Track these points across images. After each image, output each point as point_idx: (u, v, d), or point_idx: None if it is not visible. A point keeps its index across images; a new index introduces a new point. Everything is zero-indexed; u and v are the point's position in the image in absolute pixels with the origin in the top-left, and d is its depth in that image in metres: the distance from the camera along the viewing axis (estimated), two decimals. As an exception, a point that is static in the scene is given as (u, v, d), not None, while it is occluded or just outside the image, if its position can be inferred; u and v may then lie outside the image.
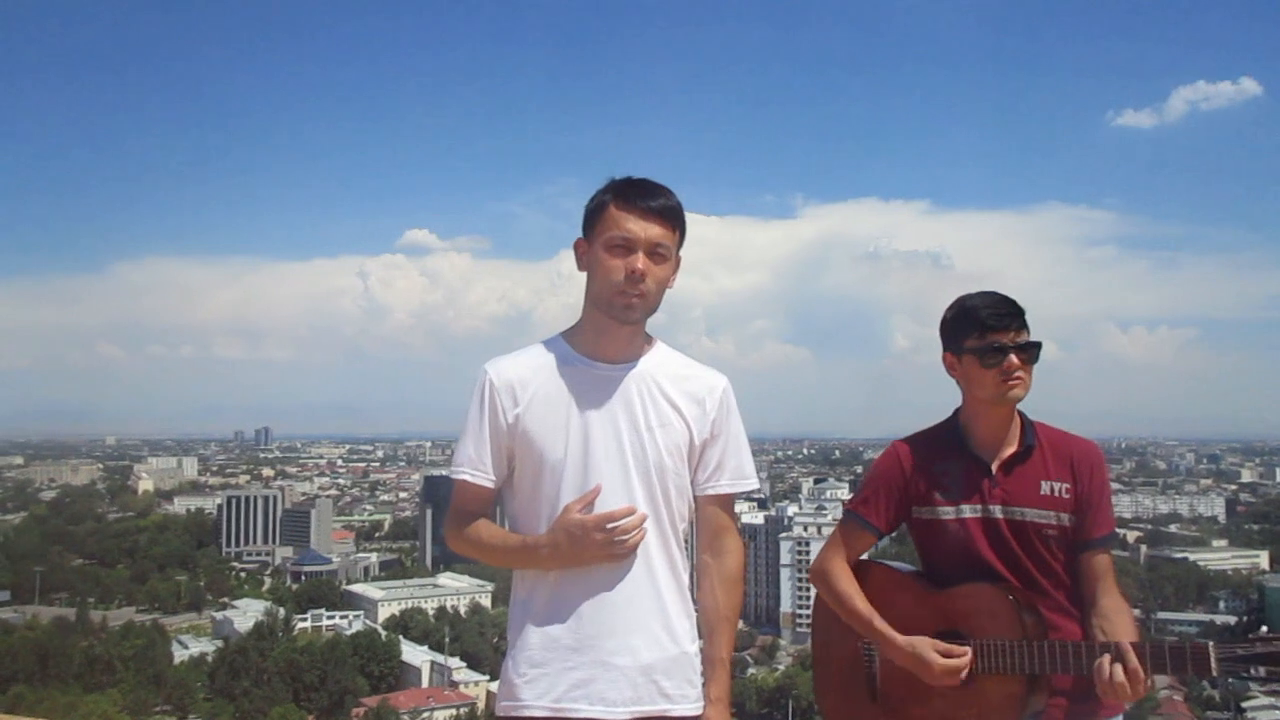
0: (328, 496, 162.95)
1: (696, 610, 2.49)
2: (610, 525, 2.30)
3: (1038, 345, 2.70)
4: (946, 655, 2.62)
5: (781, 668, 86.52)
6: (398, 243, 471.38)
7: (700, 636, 2.49)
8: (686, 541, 2.49)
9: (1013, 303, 2.71)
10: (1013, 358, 2.66)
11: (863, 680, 2.87)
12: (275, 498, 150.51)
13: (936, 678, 2.62)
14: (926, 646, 2.63)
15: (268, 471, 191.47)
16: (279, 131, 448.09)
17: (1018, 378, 2.66)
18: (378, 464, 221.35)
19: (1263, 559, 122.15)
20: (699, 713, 2.41)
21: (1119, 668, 2.40)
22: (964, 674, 2.60)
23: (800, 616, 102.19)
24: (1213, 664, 2.30)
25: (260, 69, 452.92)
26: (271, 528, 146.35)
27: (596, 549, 2.31)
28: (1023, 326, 2.69)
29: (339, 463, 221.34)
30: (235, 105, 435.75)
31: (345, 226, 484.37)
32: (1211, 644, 2.32)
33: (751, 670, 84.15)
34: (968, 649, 2.61)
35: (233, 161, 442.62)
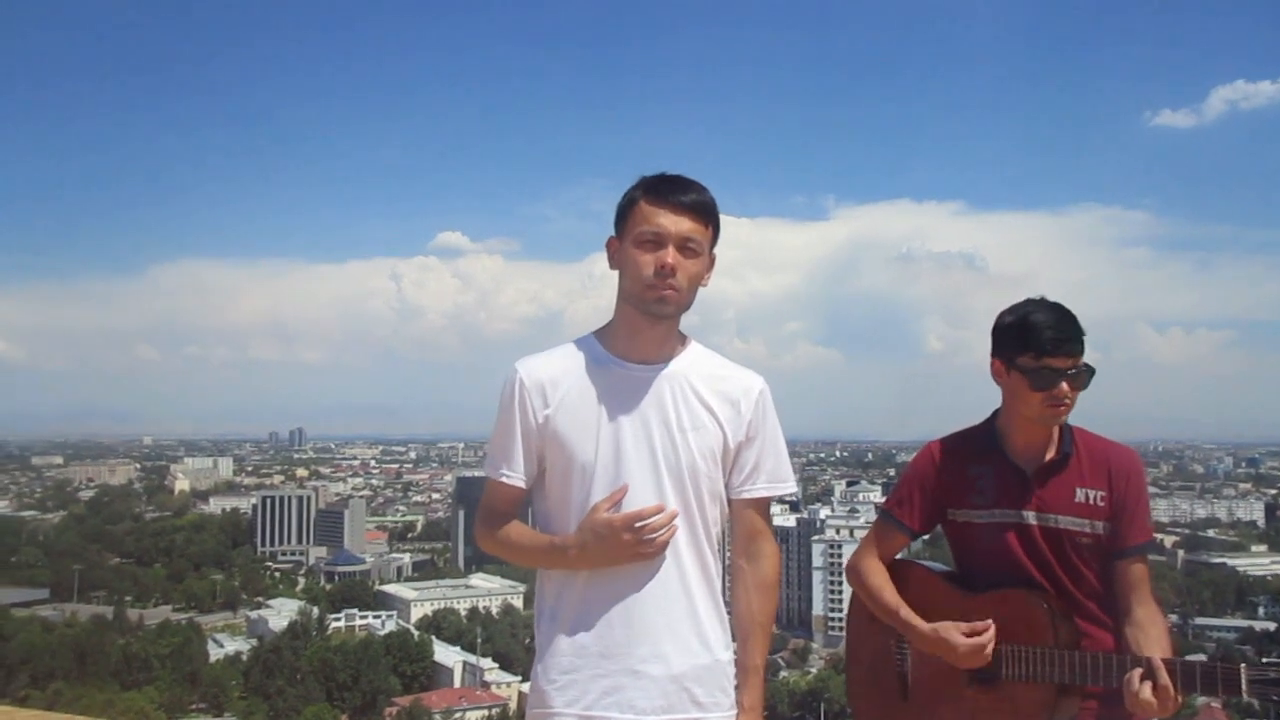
0: (361, 497, 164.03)
1: (730, 616, 2.46)
2: (639, 524, 2.26)
3: (1091, 372, 2.63)
4: (970, 635, 2.60)
5: (814, 671, 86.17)
6: (430, 245, 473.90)
7: (733, 642, 2.45)
8: (720, 545, 2.46)
9: (1075, 325, 2.63)
10: (1064, 385, 2.60)
11: (894, 679, 2.86)
12: (309, 498, 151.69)
13: (963, 658, 2.60)
14: (950, 629, 2.62)
15: (302, 472, 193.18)
16: (312, 134, 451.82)
17: (1065, 404, 2.62)
18: (410, 465, 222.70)
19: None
20: None
21: (1148, 685, 2.37)
22: (989, 650, 2.58)
23: (833, 619, 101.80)
24: (1244, 686, 2.26)
25: (294, 71, 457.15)
26: (305, 528, 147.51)
27: (625, 549, 2.27)
28: (1080, 350, 2.62)
29: (372, 463, 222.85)
30: (269, 108, 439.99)
31: (378, 229, 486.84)
32: (1243, 665, 2.28)
33: (784, 673, 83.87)
34: (990, 623, 2.59)
35: (266, 164, 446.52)
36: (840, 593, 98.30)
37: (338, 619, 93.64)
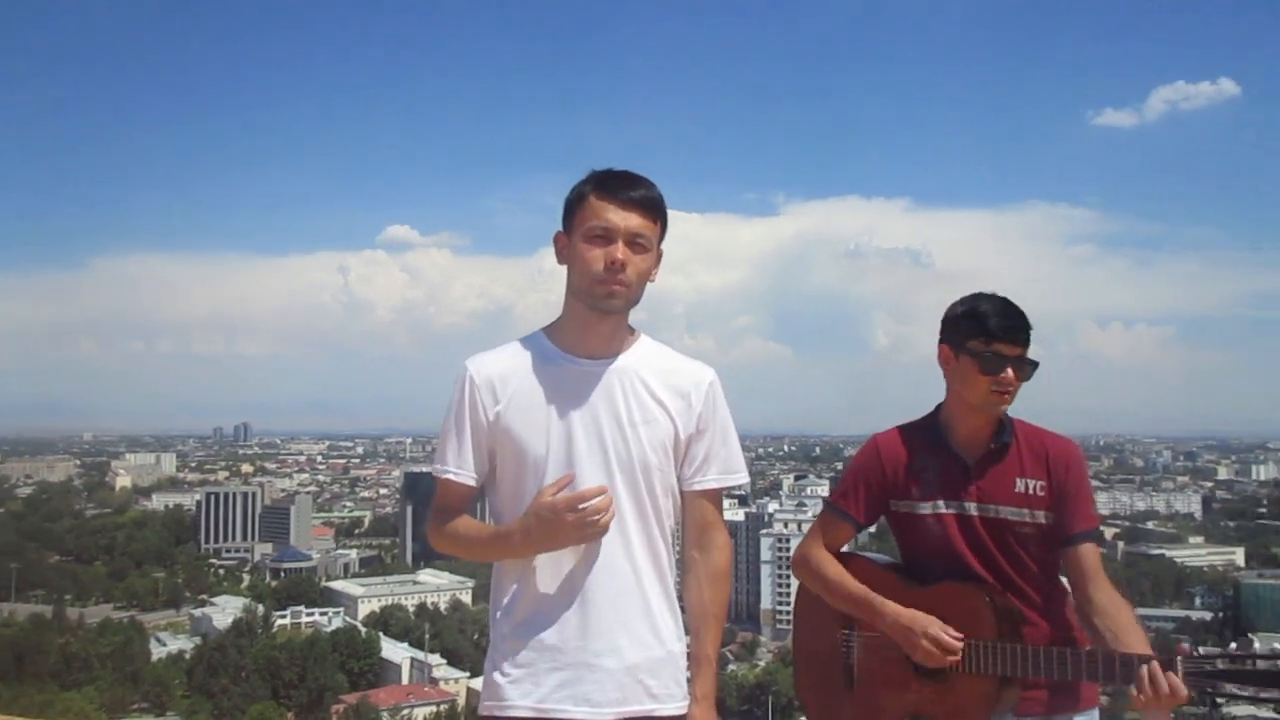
0: (307, 493, 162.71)
1: (682, 607, 2.47)
2: (581, 505, 2.25)
3: (1034, 365, 2.70)
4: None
5: (762, 664, 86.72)
6: (378, 238, 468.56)
7: (686, 634, 2.46)
8: (673, 538, 2.47)
9: (1024, 317, 2.71)
10: (1010, 371, 2.66)
11: (840, 671, 2.88)
12: (254, 494, 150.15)
13: (933, 652, 2.60)
14: (930, 622, 2.62)
15: (247, 468, 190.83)
16: (258, 127, 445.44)
17: (1010, 391, 2.68)
18: (358, 460, 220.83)
19: (1238, 556, 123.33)
20: (684, 712, 2.40)
21: (1172, 676, 2.32)
22: (950, 659, 2.59)
23: (780, 613, 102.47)
24: (1180, 677, 2.30)
25: (240, 65, 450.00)
26: (250, 524, 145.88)
27: (568, 531, 2.26)
28: (1026, 341, 2.70)
29: (319, 459, 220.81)
30: (215, 101, 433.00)
31: (325, 222, 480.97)
32: (1180, 659, 2.32)
33: (732, 666, 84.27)
34: (961, 639, 2.59)
35: (212, 157, 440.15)
36: (788, 586, 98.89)
37: (283, 616, 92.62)
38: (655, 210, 2.38)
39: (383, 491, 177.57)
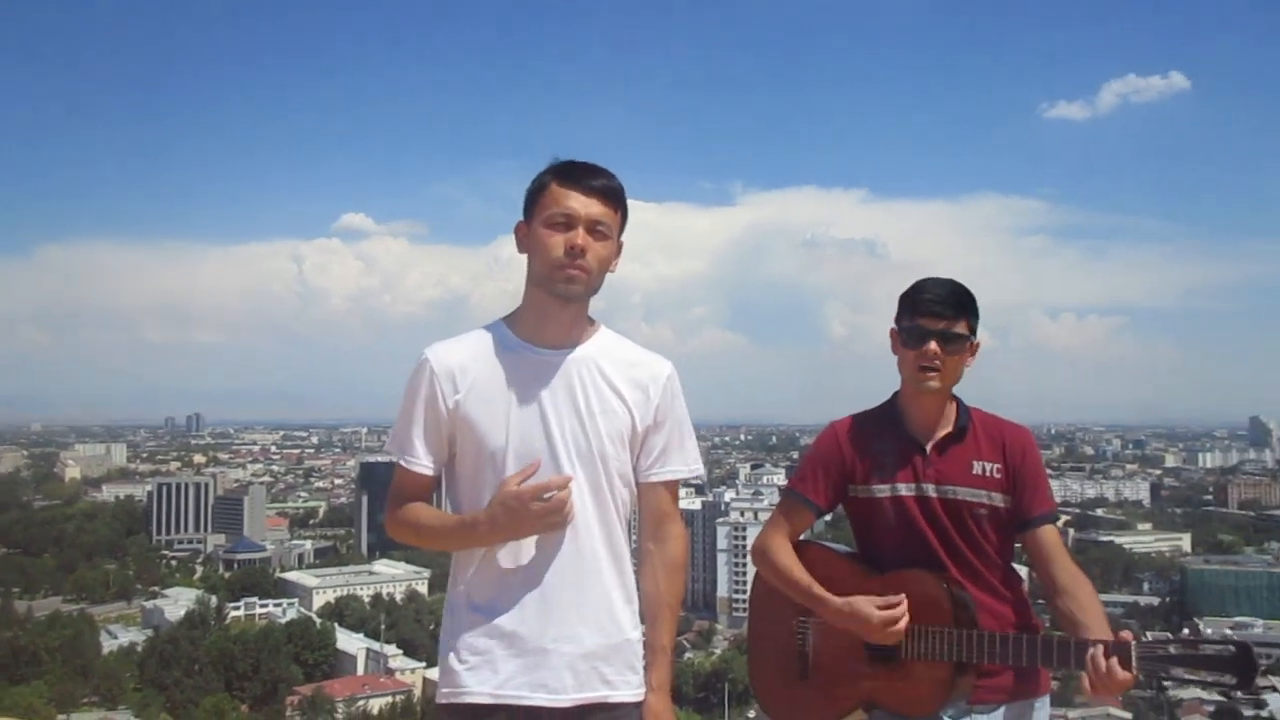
0: (261, 483, 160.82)
1: (638, 596, 2.48)
2: (547, 495, 2.26)
3: (962, 337, 2.71)
4: (884, 608, 2.63)
5: (718, 652, 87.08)
6: (333, 227, 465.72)
7: (642, 623, 2.48)
8: (629, 528, 2.48)
9: (957, 294, 2.73)
10: (931, 344, 2.69)
11: (795, 659, 2.90)
12: (207, 485, 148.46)
13: (875, 632, 2.63)
14: (864, 602, 2.65)
15: (199, 458, 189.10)
16: (211, 113, 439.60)
17: (935, 367, 2.70)
18: (312, 450, 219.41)
19: (1185, 542, 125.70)
20: (640, 699, 2.41)
21: (1115, 660, 2.37)
22: (901, 625, 2.61)
23: (737, 601, 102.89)
24: (1133, 664, 2.34)
25: (192, 53, 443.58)
26: (203, 515, 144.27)
27: (534, 520, 2.27)
28: (954, 315, 2.71)
29: (273, 449, 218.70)
30: (165, 86, 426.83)
31: (279, 210, 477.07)
32: (1134, 643, 2.35)
33: (688, 654, 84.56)
34: (903, 597, 2.63)
35: (163, 143, 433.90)
36: (744, 574, 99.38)
37: (237, 608, 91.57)
38: (616, 199, 2.40)
39: (338, 482, 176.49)
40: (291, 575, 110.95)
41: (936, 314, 2.70)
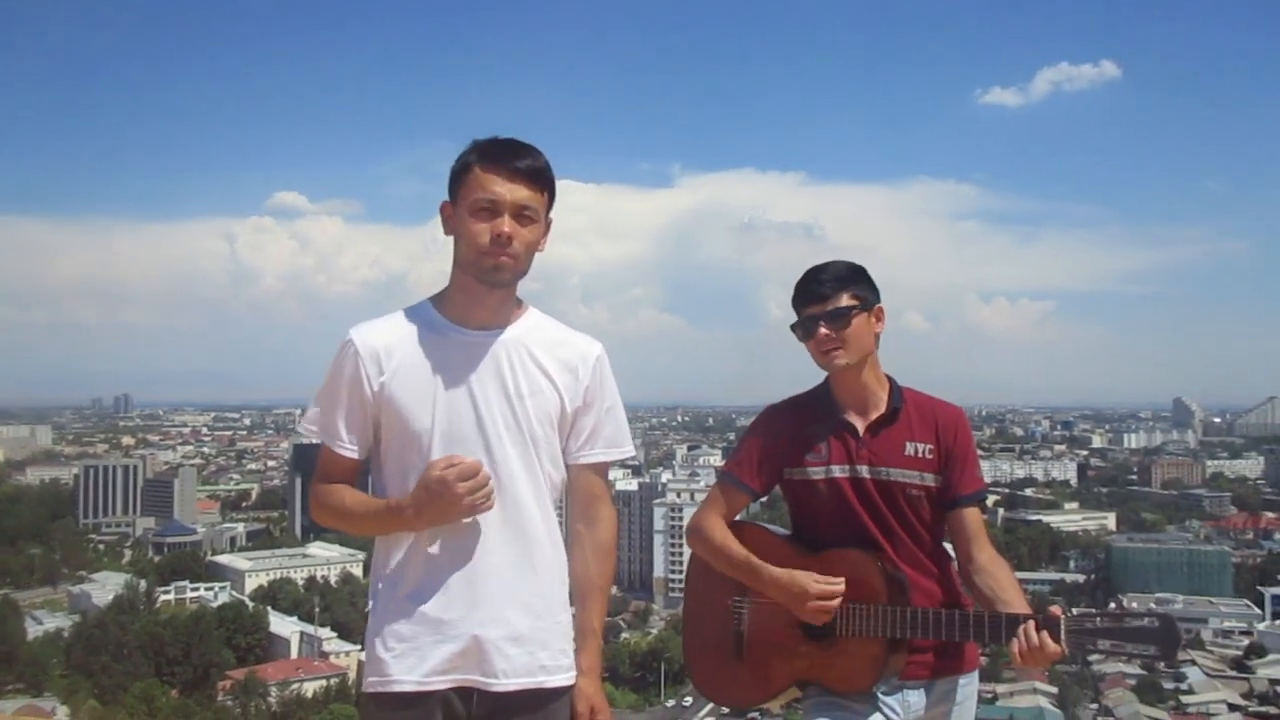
0: (192, 465, 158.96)
1: (569, 579, 2.47)
2: (472, 477, 2.23)
3: (846, 310, 2.73)
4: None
5: (654, 632, 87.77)
6: (266, 205, 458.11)
7: (572, 605, 2.47)
8: (559, 510, 2.47)
9: (833, 273, 2.77)
10: (820, 329, 2.73)
11: (730, 638, 2.91)
12: (136, 467, 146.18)
13: (811, 601, 2.64)
14: (804, 574, 2.67)
15: (128, 440, 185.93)
16: (137, 82, 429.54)
17: (833, 348, 2.73)
18: (245, 432, 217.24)
19: (1110, 520, 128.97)
20: (572, 683, 2.40)
21: (1046, 634, 2.42)
22: (835, 603, 2.64)
23: (673, 581, 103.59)
24: (1061, 635, 2.39)
25: (119, 20, 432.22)
26: (132, 498, 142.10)
27: (460, 504, 2.23)
28: (839, 293, 2.74)
29: (204, 430, 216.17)
30: (92, 57, 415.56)
31: (210, 187, 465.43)
32: (1062, 616, 2.41)
33: (625, 635, 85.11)
34: (841, 580, 2.65)
35: (89, 117, 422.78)
36: (680, 555, 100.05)
37: (167, 592, 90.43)
38: (542, 181, 2.35)
39: (271, 463, 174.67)
40: (223, 558, 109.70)
41: (816, 299, 2.75)
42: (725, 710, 69.17)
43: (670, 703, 74.32)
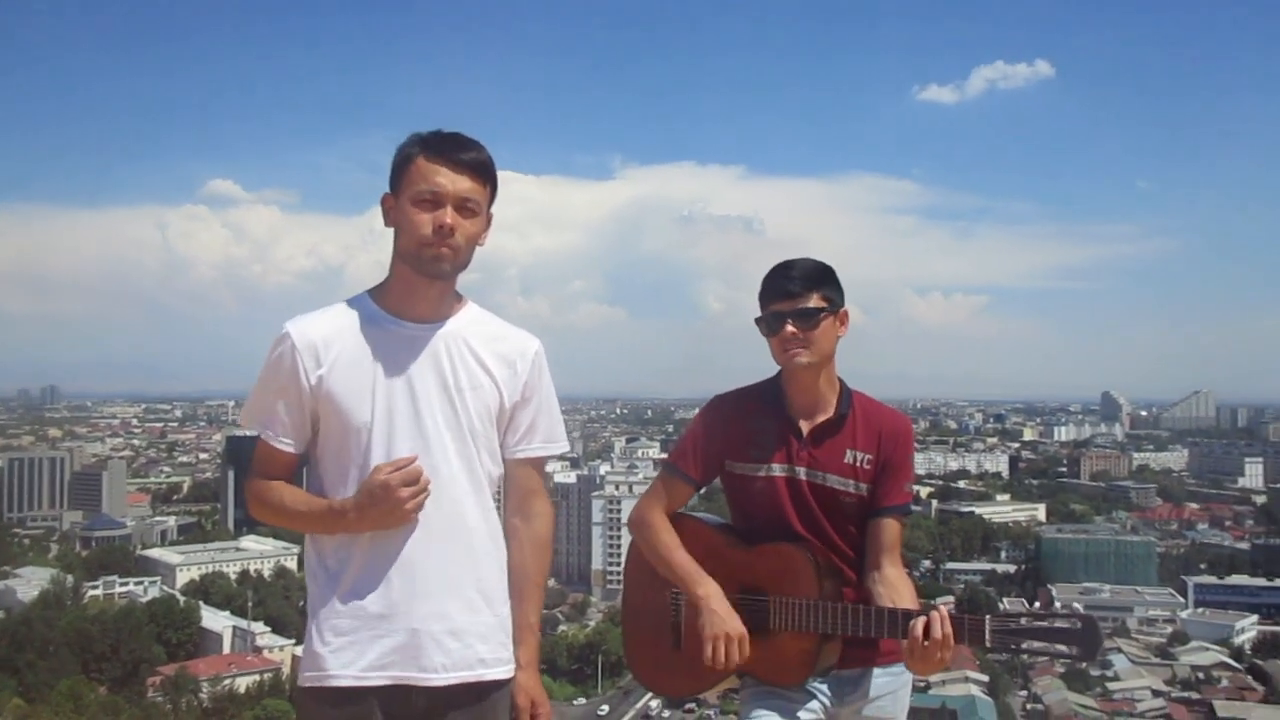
0: (121, 458, 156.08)
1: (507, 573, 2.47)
2: (414, 483, 2.23)
3: (815, 310, 2.73)
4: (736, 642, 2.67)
5: (592, 624, 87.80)
6: (199, 193, 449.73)
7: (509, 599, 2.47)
8: (497, 504, 2.47)
9: (805, 271, 2.77)
10: (788, 327, 2.73)
11: (668, 630, 2.92)
12: (63, 460, 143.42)
13: (708, 640, 2.67)
14: (735, 624, 2.68)
15: (55, 432, 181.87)
16: (69, 71, 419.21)
17: (797, 347, 2.73)
18: (176, 424, 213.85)
19: (1040, 512, 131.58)
20: (511, 676, 2.41)
21: (936, 628, 2.46)
22: (719, 661, 2.66)
23: (611, 574, 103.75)
24: (987, 636, 2.44)
25: (48, 5, 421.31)
26: (59, 491, 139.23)
27: (404, 511, 2.24)
28: (809, 293, 2.74)
29: (134, 422, 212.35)
30: (20, 42, 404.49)
31: (141, 174, 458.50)
32: (988, 617, 2.45)
33: (563, 627, 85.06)
34: (748, 649, 2.67)
35: (16, 101, 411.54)
36: (619, 547, 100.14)
37: (95, 587, 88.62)
38: (485, 173, 2.35)
39: (203, 456, 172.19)
40: (154, 552, 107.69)
41: (785, 296, 2.75)
42: (662, 700, 69.52)
43: (609, 694, 74.49)
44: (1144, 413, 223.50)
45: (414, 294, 2.36)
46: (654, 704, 70.62)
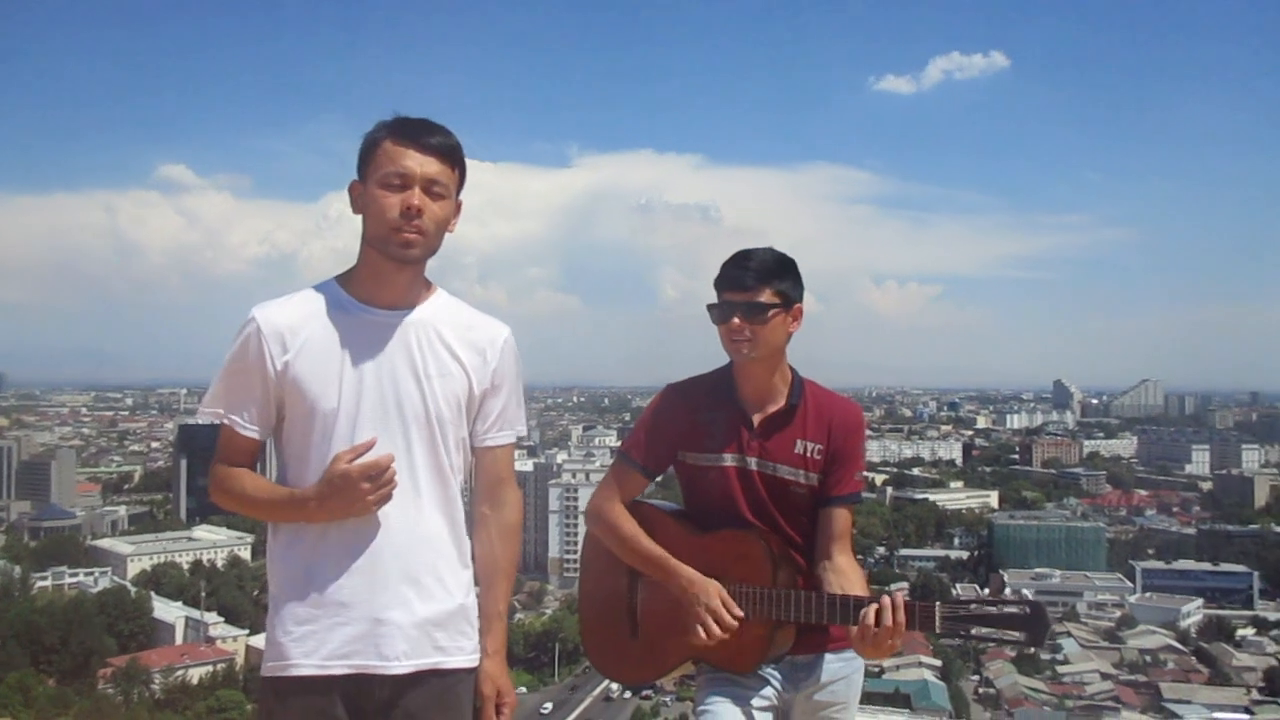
0: (70, 447, 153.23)
1: (473, 561, 2.47)
2: (376, 474, 2.21)
3: (765, 306, 2.73)
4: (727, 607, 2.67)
5: (549, 612, 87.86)
6: (150, 178, 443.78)
7: (476, 587, 2.46)
8: (463, 492, 2.46)
9: (763, 264, 2.76)
10: (734, 319, 2.73)
11: (625, 617, 2.94)
12: (10, 449, 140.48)
13: (704, 615, 2.66)
14: (712, 593, 2.68)
15: (2, 421, 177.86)
16: (13, 52, 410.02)
17: (742, 340, 2.74)
18: (127, 412, 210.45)
19: (993, 498, 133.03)
20: (475, 664, 2.41)
21: (887, 616, 2.48)
22: (718, 632, 2.65)
23: (568, 562, 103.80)
24: (937, 623, 2.47)
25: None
26: (6, 481, 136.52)
27: (363, 500, 2.22)
28: (762, 287, 2.74)
29: (84, 411, 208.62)
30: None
31: (90, 158, 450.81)
32: (938, 604, 2.49)
33: (519, 616, 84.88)
34: (741, 614, 2.67)
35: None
36: (576, 535, 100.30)
37: (44, 578, 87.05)
38: (454, 158, 2.34)
39: (155, 445, 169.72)
40: (104, 543, 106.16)
41: (738, 287, 2.74)
42: (618, 688, 69.66)
43: (565, 682, 74.59)
44: (1094, 401, 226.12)
45: (382, 280, 2.35)
46: (610, 692, 70.81)
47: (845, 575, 2.73)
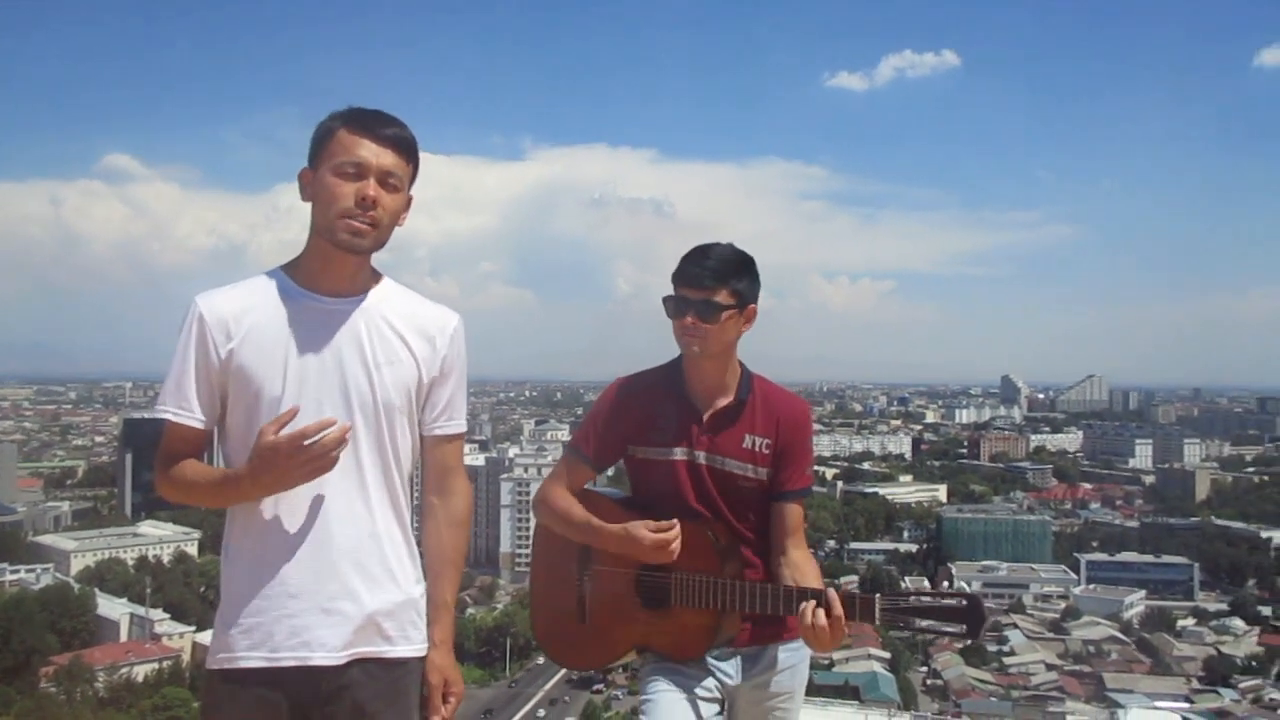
0: (12, 441, 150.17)
1: (421, 552, 2.46)
2: (306, 442, 2.14)
3: (719, 307, 2.74)
4: (656, 531, 2.70)
5: (500, 607, 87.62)
6: (95, 168, 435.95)
7: (424, 578, 2.46)
8: (412, 482, 2.45)
9: (722, 262, 2.76)
10: (687, 316, 2.74)
11: (573, 603, 2.96)
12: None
13: (650, 552, 2.71)
14: (638, 525, 2.72)
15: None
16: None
17: (693, 337, 2.75)
18: (70, 406, 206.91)
19: (941, 492, 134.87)
20: (422, 654, 2.40)
21: (821, 613, 2.54)
22: (674, 546, 2.69)
23: (520, 556, 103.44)
24: (876, 615, 2.51)
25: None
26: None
27: (295, 470, 2.17)
28: (718, 287, 2.74)
29: (25, 405, 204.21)
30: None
31: (32, 146, 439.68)
32: (877, 596, 2.53)
33: (471, 610, 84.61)
34: (675, 521, 2.71)
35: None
36: (528, 530, 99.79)
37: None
38: (408, 150, 2.33)
39: (99, 439, 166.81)
40: (46, 539, 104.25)
41: (694, 284, 2.75)
42: (569, 681, 69.66)
43: (516, 677, 74.49)
44: (1041, 396, 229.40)
45: (330, 268, 2.33)
46: (561, 686, 70.74)
47: (800, 569, 2.78)
